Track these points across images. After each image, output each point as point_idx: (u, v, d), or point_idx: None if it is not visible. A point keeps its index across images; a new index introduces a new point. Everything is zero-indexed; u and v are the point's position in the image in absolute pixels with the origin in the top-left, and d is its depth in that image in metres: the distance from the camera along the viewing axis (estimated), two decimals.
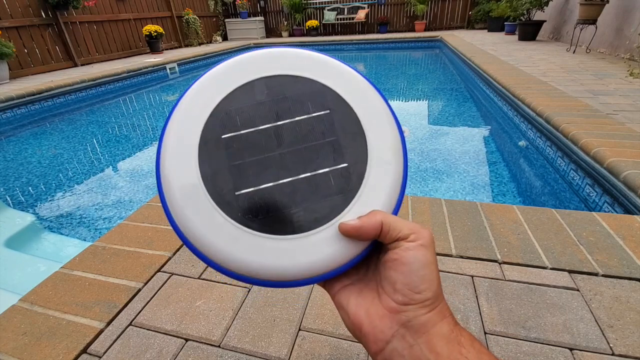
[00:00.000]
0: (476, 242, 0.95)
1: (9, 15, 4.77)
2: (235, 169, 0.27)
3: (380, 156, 0.28)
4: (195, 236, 0.26)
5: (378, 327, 0.24)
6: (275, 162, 0.27)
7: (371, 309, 0.25)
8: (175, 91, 4.95)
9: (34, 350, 0.70)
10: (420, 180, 1.96)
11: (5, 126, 3.43)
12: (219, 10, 9.72)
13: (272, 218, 0.26)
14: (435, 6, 8.76)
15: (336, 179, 0.27)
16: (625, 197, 1.28)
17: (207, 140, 0.27)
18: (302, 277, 0.26)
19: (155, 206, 1.20)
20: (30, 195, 2.06)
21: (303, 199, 0.27)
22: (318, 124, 0.28)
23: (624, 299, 0.76)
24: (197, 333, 0.72)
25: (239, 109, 0.28)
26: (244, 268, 0.26)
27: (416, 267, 0.24)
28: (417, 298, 0.24)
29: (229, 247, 0.26)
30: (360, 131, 0.28)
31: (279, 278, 0.26)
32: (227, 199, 0.26)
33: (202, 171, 0.27)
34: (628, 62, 3.43)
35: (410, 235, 0.25)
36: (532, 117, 2.17)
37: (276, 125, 0.28)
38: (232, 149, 0.27)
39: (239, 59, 0.30)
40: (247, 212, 0.26)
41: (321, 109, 0.29)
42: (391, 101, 4.12)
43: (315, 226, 0.26)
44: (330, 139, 0.28)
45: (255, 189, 0.26)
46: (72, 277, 0.89)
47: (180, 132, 0.28)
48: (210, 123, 0.28)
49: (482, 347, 0.24)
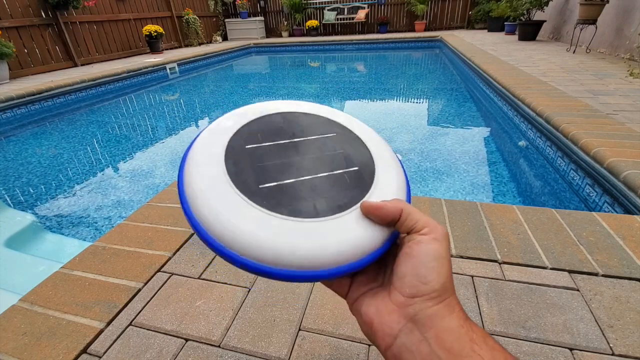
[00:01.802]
0: (476, 242, 0.95)
1: (9, 15, 4.77)
2: (258, 169, 0.29)
3: (385, 164, 0.33)
4: (217, 222, 0.25)
5: (386, 322, 0.24)
6: (295, 164, 0.30)
7: (381, 306, 0.25)
8: (175, 91, 4.95)
9: (34, 350, 0.70)
10: (420, 180, 1.96)
11: (5, 126, 3.43)
12: (219, 10, 9.72)
13: (296, 204, 0.27)
14: (435, 6, 8.76)
15: (351, 178, 0.30)
16: (625, 197, 1.28)
17: (232, 149, 0.30)
18: (327, 264, 0.26)
19: (155, 206, 1.20)
20: (30, 195, 2.06)
21: (324, 191, 0.29)
22: (329, 141, 0.33)
23: (624, 299, 0.76)
24: (197, 333, 0.72)
25: (260, 129, 0.32)
26: (270, 253, 0.25)
27: (426, 259, 0.24)
28: (424, 289, 0.23)
29: (257, 230, 0.25)
30: (364, 147, 0.34)
31: (306, 264, 0.25)
32: (252, 190, 0.27)
33: (227, 168, 0.28)
34: (628, 62, 3.43)
35: (424, 228, 0.25)
36: (532, 117, 2.17)
37: (293, 141, 0.32)
38: (255, 155, 0.30)
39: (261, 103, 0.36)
40: (271, 199, 0.27)
41: (329, 132, 0.34)
42: (391, 101, 4.11)
43: (339, 211, 0.27)
44: (340, 151, 0.33)
45: (278, 183, 0.28)
46: (72, 277, 0.89)
47: (205, 145, 0.30)
48: (234, 139, 0.31)
49: (496, 344, 0.23)
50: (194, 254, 0.97)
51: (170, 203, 1.21)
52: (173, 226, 1.08)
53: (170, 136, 3.07)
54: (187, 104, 4.20)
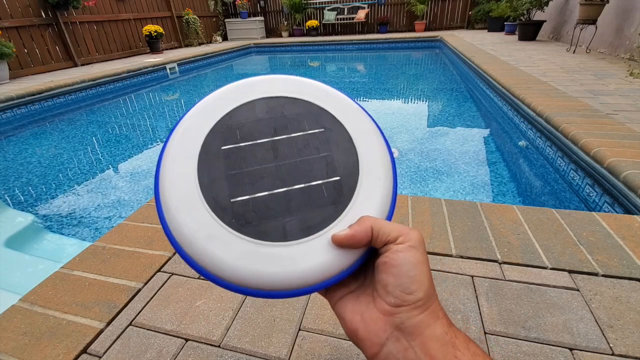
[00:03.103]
0: (476, 242, 0.95)
1: (9, 15, 4.77)
2: (232, 178, 0.28)
3: (371, 171, 0.29)
4: (188, 242, 0.26)
5: (373, 331, 0.25)
6: (271, 173, 0.28)
7: (366, 314, 0.25)
8: (175, 91, 4.95)
9: (34, 350, 0.70)
10: (420, 180, 1.96)
11: (5, 126, 3.43)
12: (219, 10, 9.72)
13: (265, 225, 0.26)
14: (435, 6, 8.76)
15: (329, 191, 0.28)
16: (625, 197, 1.28)
17: (207, 151, 0.28)
18: (294, 287, 0.26)
19: (155, 206, 1.20)
20: (30, 195, 2.06)
21: (296, 208, 0.27)
22: (313, 140, 0.30)
23: (624, 299, 0.76)
24: (197, 333, 0.72)
25: (239, 124, 0.30)
26: (235, 275, 0.25)
27: (406, 268, 0.24)
28: (409, 299, 0.24)
29: (222, 253, 0.25)
30: (352, 148, 0.30)
31: (271, 286, 0.26)
32: (222, 205, 0.27)
33: (200, 178, 0.27)
34: (628, 62, 3.43)
35: (399, 237, 0.25)
36: (532, 117, 2.17)
37: (273, 140, 0.29)
38: (230, 160, 0.28)
39: (244, 81, 0.32)
40: (240, 218, 0.26)
41: (316, 127, 0.30)
42: (391, 101, 4.11)
43: (308, 234, 0.26)
44: (324, 154, 0.29)
45: (250, 197, 0.27)
46: (72, 277, 0.89)
47: (182, 143, 0.29)
48: (212, 136, 0.29)
49: (478, 349, 0.24)
50: None
51: None
52: None
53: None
54: (187, 104, 4.20)
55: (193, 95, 4.60)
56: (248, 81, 0.32)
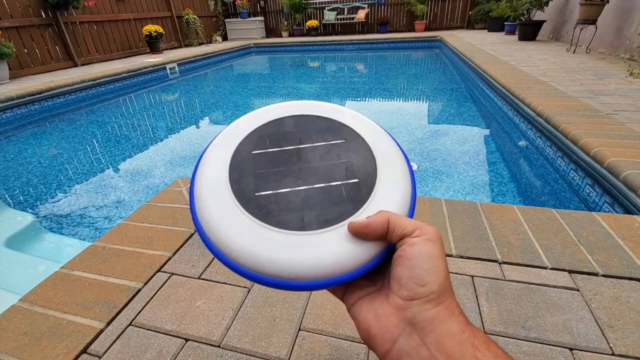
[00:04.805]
0: (476, 242, 0.95)
1: (9, 15, 4.77)
2: (258, 176, 0.31)
3: (389, 176, 0.31)
4: (212, 227, 0.29)
5: (385, 327, 0.24)
6: (294, 173, 0.31)
7: (379, 311, 0.25)
8: (175, 91, 4.95)
9: (34, 350, 0.70)
10: (420, 180, 1.96)
11: (5, 126, 3.43)
12: (219, 10, 9.72)
13: (285, 216, 0.28)
14: (435, 6, 8.76)
15: (347, 191, 0.30)
16: (625, 197, 1.28)
17: (239, 153, 0.33)
18: (307, 277, 0.26)
19: (155, 206, 1.20)
20: (30, 195, 2.06)
21: (316, 204, 0.29)
22: (335, 149, 0.33)
23: (624, 299, 0.76)
24: (197, 333, 0.72)
25: (269, 134, 0.34)
26: (251, 260, 0.27)
27: (420, 260, 0.24)
28: (422, 291, 0.23)
29: (240, 237, 0.27)
30: (372, 157, 0.33)
31: (285, 274, 0.26)
32: (247, 197, 0.30)
33: (230, 175, 0.31)
34: (628, 62, 3.43)
35: (415, 231, 0.25)
36: (532, 117, 2.17)
37: (298, 147, 0.33)
38: (258, 161, 0.32)
39: (276, 104, 0.37)
40: (262, 208, 0.29)
41: (337, 139, 0.34)
42: (391, 101, 4.12)
43: (325, 226, 0.28)
44: (344, 160, 0.32)
45: (273, 192, 0.30)
46: (72, 277, 0.89)
47: (219, 147, 0.33)
48: (244, 143, 0.33)
49: (499, 350, 0.22)
50: (194, 254, 0.97)
51: (170, 203, 1.21)
52: (173, 226, 1.08)
53: (170, 136, 3.07)
54: (187, 104, 4.20)
55: (193, 95, 4.60)
56: (280, 103, 0.37)
